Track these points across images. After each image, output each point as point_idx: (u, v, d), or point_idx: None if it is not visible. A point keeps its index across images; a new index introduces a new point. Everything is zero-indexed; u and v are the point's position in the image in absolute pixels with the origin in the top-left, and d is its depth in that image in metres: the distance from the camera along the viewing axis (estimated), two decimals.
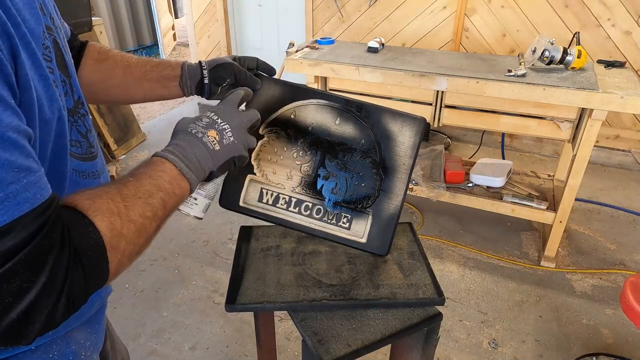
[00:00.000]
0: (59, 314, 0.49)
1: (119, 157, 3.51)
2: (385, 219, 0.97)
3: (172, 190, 0.64)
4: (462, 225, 2.71)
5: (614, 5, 3.00)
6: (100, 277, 0.53)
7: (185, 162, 0.67)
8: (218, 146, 0.71)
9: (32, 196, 0.46)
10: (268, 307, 0.96)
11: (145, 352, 1.90)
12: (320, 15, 3.87)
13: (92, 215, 0.53)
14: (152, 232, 0.61)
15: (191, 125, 0.72)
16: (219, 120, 0.73)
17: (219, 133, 0.72)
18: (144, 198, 0.59)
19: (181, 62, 0.93)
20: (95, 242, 0.52)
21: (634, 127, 3.31)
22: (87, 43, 0.91)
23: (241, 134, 0.75)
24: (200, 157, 0.69)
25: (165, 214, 0.63)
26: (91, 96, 0.92)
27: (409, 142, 0.95)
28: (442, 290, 0.98)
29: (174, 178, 0.65)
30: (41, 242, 0.46)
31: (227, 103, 0.78)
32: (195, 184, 0.68)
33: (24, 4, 0.55)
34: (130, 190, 0.59)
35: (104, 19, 5.36)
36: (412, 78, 2.18)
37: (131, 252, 0.57)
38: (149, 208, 0.59)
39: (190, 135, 0.70)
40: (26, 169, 0.47)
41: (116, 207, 0.55)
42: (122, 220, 0.55)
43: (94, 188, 0.57)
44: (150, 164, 0.65)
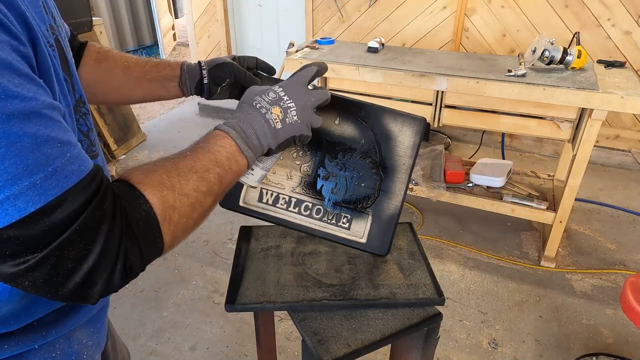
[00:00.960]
0: (116, 278, 0.51)
1: (119, 157, 3.51)
2: (385, 219, 0.97)
3: (230, 166, 0.65)
4: (462, 225, 2.71)
5: (614, 5, 3.00)
6: (154, 247, 0.55)
7: (245, 139, 0.67)
8: (280, 124, 0.71)
9: (77, 168, 0.48)
10: (268, 307, 0.96)
11: (145, 352, 1.90)
12: (320, 15, 3.87)
13: (143, 188, 0.54)
14: (208, 206, 0.62)
15: (257, 99, 0.72)
16: (285, 97, 0.73)
17: (283, 111, 0.71)
18: (200, 172, 0.60)
19: (180, 62, 0.93)
20: (146, 214, 0.53)
21: (634, 127, 3.31)
22: (87, 43, 0.91)
23: (306, 113, 0.74)
24: (260, 134, 0.69)
25: (222, 189, 0.64)
26: (91, 96, 0.92)
27: (409, 142, 0.95)
28: (442, 291, 0.98)
29: (232, 154, 0.65)
30: (93, 213, 0.48)
31: (297, 79, 0.77)
32: (252, 162, 0.68)
33: (30, 2, 0.56)
34: (187, 164, 0.60)
35: (104, 19, 5.36)
36: (412, 78, 2.18)
37: (185, 225, 0.58)
38: (204, 183, 0.60)
39: (255, 110, 0.70)
40: (67, 143, 0.48)
41: (169, 181, 0.57)
42: (174, 194, 0.56)
43: (150, 163, 0.59)
44: (211, 137, 0.66)
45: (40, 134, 0.45)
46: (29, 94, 0.45)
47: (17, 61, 0.46)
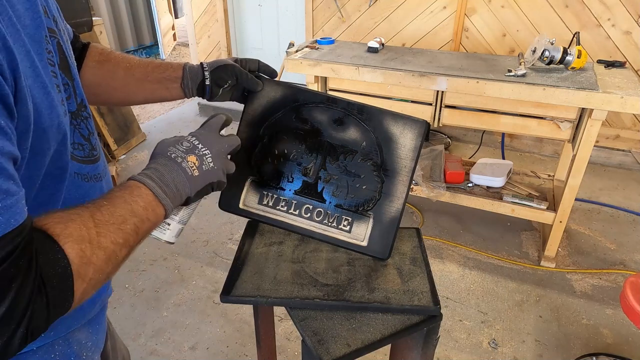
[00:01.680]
0: (15, 344, 0.47)
1: (119, 157, 3.51)
2: (387, 222, 0.96)
3: (147, 216, 0.62)
4: (462, 225, 2.71)
5: (614, 5, 3.00)
6: (62, 306, 0.52)
7: (162, 187, 0.65)
8: (197, 172, 0.70)
9: (4, 221, 0.45)
10: (261, 301, 0.96)
11: (145, 352, 1.90)
12: (320, 15, 3.87)
13: (63, 241, 0.51)
14: (122, 258, 0.59)
15: (171, 149, 0.70)
16: (199, 146, 0.72)
17: (198, 158, 0.71)
18: (117, 224, 0.58)
19: (183, 64, 0.93)
20: (62, 270, 0.50)
21: (634, 127, 3.31)
22: (89, 44, 0.91)
23: (221, 159, 0.74)
24: (178, 182, 0.67)
25: (137, 240, 0.61)
26: (93, 97, 0.92)
27: (410, 144, 0.95)
28: (438, 299, 0.96)
29: (150, 203, 0.63)
30: (6, 270, 0.45)
31: (209, 128, 0.77)
32: (170, 210, 0.66)
33: (25, 8, 0.55)
34: (104, 216, 0.57)
35: (104, 19, 5.36)
36: (412, 78, 2.18)
37: (98, 279, 0.55)
38: (121, 234, 0.58)
39: (170, 160, 0.68)
40: (4, 192, 0.45)
41: (88, 233, 0.54)
42: (92, 247, 0.53)
43: (66, 210, 0.56)
44: (126, 187, 0.63)
45: None
46: None
47: None
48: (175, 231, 0.80)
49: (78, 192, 0.67)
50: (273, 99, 0.97)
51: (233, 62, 0.93)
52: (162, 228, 0.78)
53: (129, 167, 3.41)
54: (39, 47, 0.56)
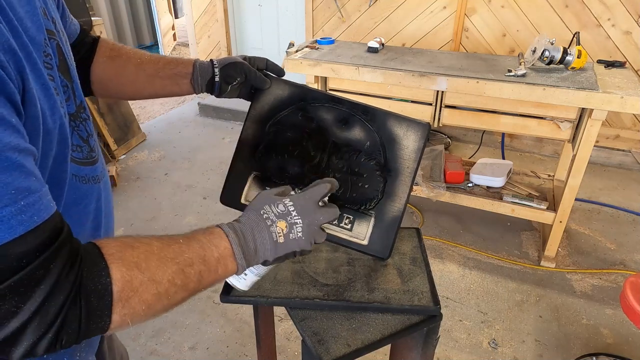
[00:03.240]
0: (40, 348, 0.47)
1: (118, 157, 3.51)
2: (388, 222, 0.97)
3: (216, 267, 0.62)
4: (462, 225, 2.71)
5: (614, 5, 3.00)
6: (97, 325, 0.50)
7: (243, 246, 0.65)
8: (282, 239, 0.69)
9: (27, 218, 0.45)
10: (261, 301, 0.97)
11: (145, 352, 1.90)
12: (320, 15, 3.87)
13: (111, 260, 0.51)
14: (176, 301, 0.58)
15: (265, 208, 0.70)
16: (293, 213, 0.71)
17: (288, 226, 0.70)
18: (182, 265, 0.57)
19: (193, 60, 0.94)
20: (102, 288, 0.50)
21: (634, 127, 3.31)
22: (99, 39, 0.91)
23: (312, 230, 0.72)
24: (260, 245, 0.67)
25: (198, 288, 0.60)
26: (103, 92, 0.93)
27: (413, 146, 0.95)
28: (438, 300, 0.96)
29: (224, 257, 0.63)
30: (34, 270, 0.45)
31: (310, 195, 0.75)
32: (242, 270, 0.66)
33: (25, 11, 0.54)
34: (171, 253, 0.57)
35: (104, 19, 5.36)
36: (412, 78, 2.18)
37: (144, 313, 0.54)
38: (181, 276, 0.57)
39: (261, 220, 0.68)
40: (24, 190, 0.45)
41: (145, 263, 0.53)
42: (143, 277, 0.53)
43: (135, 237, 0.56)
44: (209, 233, 0.64)
45: None
46: None
47: None
48: (250, 282, 0.82)
49: (76, 194, 0.67)
50: (280, 97, 0.98)
51: (242, 60, 0.94)
52: (239, 276, 0.80)
53: (129, 167, 3.41)
54: (39, 51, 0.56)
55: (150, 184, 3.19)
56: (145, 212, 2.85)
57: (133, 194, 3.07)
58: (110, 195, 0.79)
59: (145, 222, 2.75)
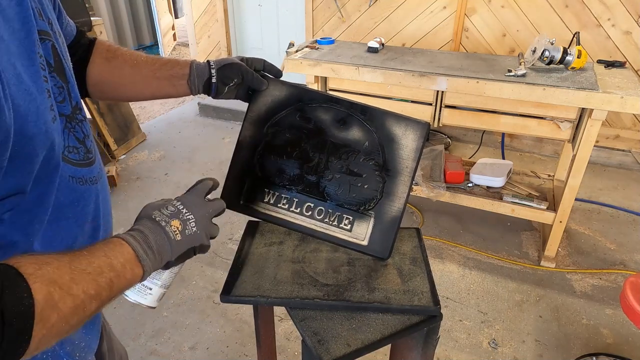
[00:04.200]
0: None
1: (119, 157, 3.51)
2: (388, 222, 0.97)
3: (124, 273, 0.61)
4: (462, 225, 2.71)
5: (614, 5, 3.00)
6: (15, 349, 0.48)
7: (144, 247, 0.65)
8: (180, 236, 0.70)
9: None
10: (261, 301, 0.97)
11: (145, 352, 1.90)
12: (320, 15, 3.87)
13: (32, 280, 0.49)
14: (90, 312, 0.57)
15: (155, 213, 0.71)
16: (184, 210, 0.73)
17: (182, 223, 0.71)
18: (93, 274, 0.56)
19: (190, 61, 0.93)
20: (25, 310, 0.48)
21: (634, 127, 3.31)
22: (96, 40, 0.91)
23: (204, 223, 0.75)
24: (160, 245, 0.67)
25: (109, 297, 0.60)
26: (100, 94, 0.92)
27: (412, 145, 0.95)
28: (438, 299, 0.96)
29: (129, 261, 0.63)
30: None
31: (195, 192, 0.78)
32: (149, 272, 0.66)
33: (15, 12, 0.53)
34: (81, 264, 0.56)
35: (104, 19, 5.36)
36: (412, 78, 2.18)
37: (60, 329, 0.52)
38: (94, 285, 0.56)
39: (154, 223, 0.69)
40: None
41: (60, 277, 0.52)
42: (62, 292, 0.51)
43: (44, 254, 0.55)
44: (109, 243, 0.63)
45: None
46: None
47: None
48: (157, 295, 0.79)
49: (72, 195, 0.67)
50: (277, 98, 0.98)
51: (239, 61, 0.94)
52: (143, 293, 0.77)
53: (129, 167, 3.41)
54: (29, 52, 0.55)
55: (150, 184, 3.19)
56: None
57: (133, 194, 3.06)
58: (108, 196, 0.79)
59: None
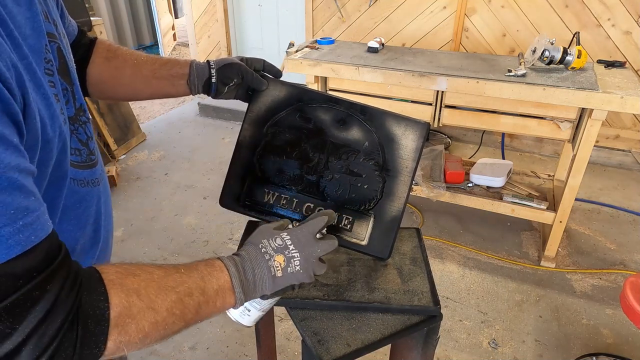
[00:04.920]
0: None
1: (119, 157, 3.51)
2: (388, 222, 0.96)
3: (215, 300, 0.62)
4: (462, 225, 2.71)
5: (614, 5, 3.00)
6: (92, 351, 0.49)
7: (242, 280, 0.65)
8: (280, 273, 0.70)
9: (24, 238, 0.45)
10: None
11: (146, 352, 1.90)
12: (320, 15, 3.87)
13: (110, 287, 0.51)
14: (172, 331, 0.57)
15: (263, 242, 0.71)
16: (291, 247, 0.71)
17: (286, 260, 0.70)
18: (181, 294, 0.57)
19: (189, 61, 0.93)
20: (100, 313, 0.49)
21: (634, 127, 3.31)
22: (96, 40, 0.91)
23: (310, 263, 0.73)
24: (258, 280, 0.68)
25: (195, 319, 0.60)
26: (99, 93, 0.92)
27: (412, 145, 0.95)
28: (438, 300, 0.96)
29: (223, 290, 0.63)
30: (30, 292, 0.44)
31: (307, 229, 0.75)
32: (240, 303, 0.66)
33: (26, 18, 0.54)
34: (171, 282, 0.57)
35: (104, 19, 5.36)
36: (412, 78, 2.18)
37: (139, 341, 0.53)
38: (180, 306, 0.57)
39: (259, 254, 0.69)
40: (23, 209, 0.45)
41: (145, 290, 0.53)
42: (142, 305, 0.53)
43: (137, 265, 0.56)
44: (210, 265, 0.64)
45: None
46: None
47: None
48: (255, 318, 0.80)
49: (74, 197, 0.67)
50: (277, 98, 0.98)
51: (239, 61, 0.94)
52: (242, 313, 0.80)
53: (129, 167, 3.41)
54: (39, 58, 0.55)
55: (150, 184, 3.19)
56: (145, 212, 2.85)
57: (133, 194, 3.06)
58: (109, 197, 0.79)
59: (145, 222, 2.75)
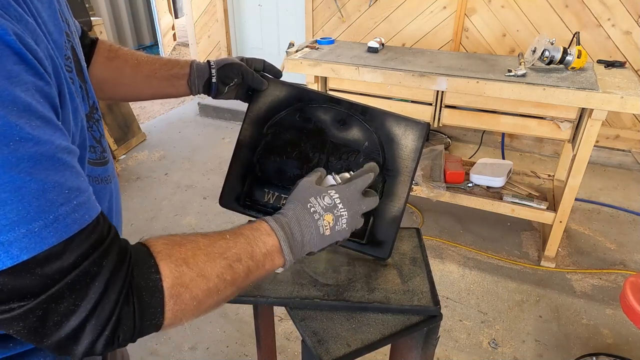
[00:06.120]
0: (99, 345, 0.48)
1: (119, 157, 3.51)
2: (388, 222, 0.96)
3: (264, 263, 0.62)
4: (462, 225, 2.71)
5: (614, 5, 3.00)
6: (151, 323, 0.51)
7: (291, 241, 0.65)
8: (329, 232, 0.69)
9: (80, 217, 0.46)
10: (261, 301, 0.96)
11: (145, 352, 1.90)
12: (320, 15, 3.87)
13: (160, 258, 0.52)
14: (226, 296, 0.58)
15: (312, 201, 0.70)
16: (340, 205, 0.71)
17: (335, 219, 0.70)
18: (230, 260, 0.57)
19: (190, 61, 0.94)
20: (153, 284, 0.50)
21: (634, 127, 3.31)
22: (98, 40, 0.91)
23: (355, 220, 0.73)
24: (307, 240, 0.67)
25: (247, 283, 0.61)
26: (100, 93, 0.92)
27: (412, 145, 0.95)
28: (438, 300, 0.96)
29: (271, 253, 0.63)
30: (88, 267, 0.46)
31: (355, 186, 0.74)
32: (289, 264, 0.66)
33: (48, 15, 0.54)
34: (218, 249, 0.57)
35: (104, 19, 5.36)
36: (412, 78, 2.18)
37: (195, 308, 0.54)
38: (230, 271, 0.57)
39: (308, 214, 0.68)
40: (76, 189, 0.46)
41: (193, 259, 0.54)
42: (193, 273, 0.53)
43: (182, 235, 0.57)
44: (256, 230, 0.64)
45: (48, 180, 0.43)
46: (44, 136, 0.44)
47: (39, 102, 0.45)
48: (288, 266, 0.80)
49: None
50: (277, 98, 0.98)
51: (239, 61, 0.94)
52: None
53: (129, 167, 3.41)
54: (61, 55, 0.56)
55: (150, 184, 3.19)
56: (145, 212, 2.85)
57: (133, 194, 3.07)
58: (119, 195, 0.80)
59: (145, 222, 2.75)
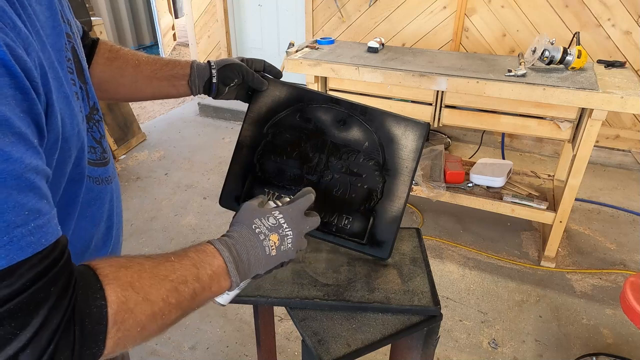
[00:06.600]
0: None
1: (119, 157, 3.51)
2: (388, 222, 0.97)
3: (210, 285, 0.61)
4: (462, 225, 2.71)
5: (614, 5, 3.00)
6: (91, 351, 0.48)
7: (237, 262, 0.64)
8: (275, 252, 0.69)
9: (36, 240, 0.44)
10: (261, 301, 0.97)
11: (146, 352, 1.90)
12: (320, 15, 3.87)
13: (107, 282, 0.50)
14: (171, 321, 0.57)
15: (257, 222, 0.69)
16: (285, 225, 0.71)
17: (280, 239, 0.70)
18: (176, 283, 0.56)
19: (190, 62, 0.94)
20: (97, 311, 0.48)
21: (634, 127, 3.31)
22: (98, 41, 0.91)
23: (299, 240, 0.73)
24: (253, 261, 0.67)
25: (192, 306, 0.59)
26: (101, 93, 0.93)
27: (412, 145, 0.95)
28: (438, 300, 0.96)
29: (218, 275, 0.62)
30: (34, 295, 0.44)
31: (297, 207, 0.75)
32: (236, 286, 0.65)
33: (46, 17, 0.54)
34: (163, 271, 0.56)
35: (104, 19, 5.36)
36: (412, 78, 2.18)
37: (137, 335, 0.53)
38: (175, 294, 0.55)
39: (253, 235, 0.68)
40: (36, 211, 0.45)
41: (139, 282, 0.52)
42: (138, 297, 0.51)
43: (127, 257, 0.55)
44: (202, 251, 0.62)
45: (10, 200, 0.42)
46: (16, 154, 0.43)
47: (18, 117, 0.44)
48: (232, 296, 0.78)
49: (89, 195, 0.67)
50: (277, 98, 0.98)
51: (239, 62, 0.94)
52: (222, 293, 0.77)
53: (129, 167, 3.41)
54: (60, 57, 0.55)
55: (150, 184, 3.19)
56: (145, 212, 2.85)
57: (133, 194, 3.07)
58: (120, 195, 0.80)
59: (145, 222, 2.75)
